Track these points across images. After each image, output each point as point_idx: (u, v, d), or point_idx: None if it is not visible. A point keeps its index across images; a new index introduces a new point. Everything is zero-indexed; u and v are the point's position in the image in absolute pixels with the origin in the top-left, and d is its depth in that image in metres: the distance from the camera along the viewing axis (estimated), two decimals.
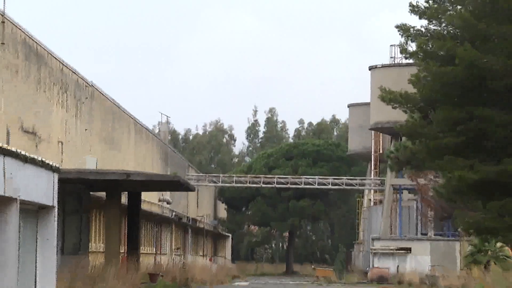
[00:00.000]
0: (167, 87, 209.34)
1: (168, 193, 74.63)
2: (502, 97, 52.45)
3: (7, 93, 39.38)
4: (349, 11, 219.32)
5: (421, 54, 55.62)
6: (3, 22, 38.33)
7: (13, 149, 10.70)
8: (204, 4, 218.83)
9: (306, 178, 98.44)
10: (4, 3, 38.43)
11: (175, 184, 50.62)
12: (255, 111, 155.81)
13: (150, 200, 67.02)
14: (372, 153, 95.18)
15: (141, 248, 52.68)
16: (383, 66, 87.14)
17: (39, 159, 11.82)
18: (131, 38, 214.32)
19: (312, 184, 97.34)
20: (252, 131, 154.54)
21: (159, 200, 74.31)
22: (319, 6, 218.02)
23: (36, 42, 44.02)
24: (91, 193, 46.09)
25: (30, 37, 43.01)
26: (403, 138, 65.46)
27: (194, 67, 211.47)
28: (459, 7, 54.15)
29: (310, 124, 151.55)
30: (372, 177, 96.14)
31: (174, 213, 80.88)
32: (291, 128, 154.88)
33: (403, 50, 57.97)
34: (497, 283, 55.72)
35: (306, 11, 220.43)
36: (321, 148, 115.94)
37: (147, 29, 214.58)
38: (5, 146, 10.20)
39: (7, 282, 10.71)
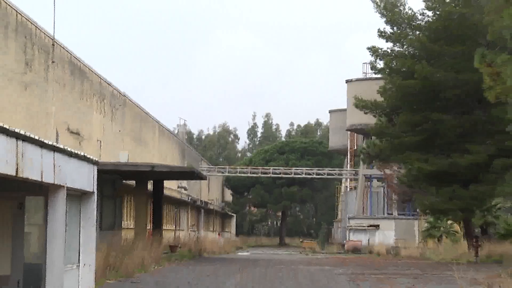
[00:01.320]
0: (184, 96, 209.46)
1: (185, 181, 74.62)
2: (452, 105, 52.49)
3: (56, 102, 39.45)
4: (330, 35, 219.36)
5: (387, 70, 55.65)
6: (53, 45, 38.41)
7: (61, 146, 10.74)
8: (214, 26, 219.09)
9: (295, 169, 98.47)
10: (54, 29, 38.54)
11: (190, 174, 50.60)
12: (254, 116, 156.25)
13: (170, 187, 67.02)
14: (348, 149, 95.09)
15: (163, 225, 52.65)
16: (357, 79, 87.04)
17: (82, 154, 11.86)
18: (155, 55, 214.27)
19: (300, 174, 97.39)
20: (252, 131, 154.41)
21: (178, 187, 74.28)
22: (307, 31, 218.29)
23: (79, 61, 44.06)
24: (123, 181, 46.10)
25: (74, 57, 43.06)
26: (373, 137, 65.51)
27: (206, 80, 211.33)
28: (417, 32, 54.14)
29: (298, 126, 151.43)
30: (348, 168, 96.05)
31: (189, 197, 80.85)
32: (283, 129, 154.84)
33: (373, 67, 58.06)
34: (447, 252, 55.76)
35: (296, 34, 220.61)
36: (307, 145, 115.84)
37: (169, 48, 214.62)
38: (54, 143, 10.24)
39: (56, 252, 10.76)
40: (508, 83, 28.71)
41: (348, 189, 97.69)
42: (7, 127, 8.38)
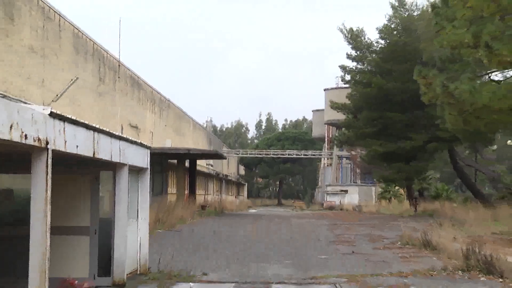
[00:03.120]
0: (210, 99, 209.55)
1: (211, 160, 74.72)
2: (398, 106, 52.38)
3: (121, 105, 39.51)
4: (314, 56, 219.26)
5: (353, 81, 55.55)
6: (119, 65, 38.43)
7: (125, 136, 10.81)
8: (231, 47, 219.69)
9: (289, 151, 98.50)
10: (119, 54, 38.55)
11: (215, 155, 50.77)
12: (260, 114, 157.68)
13: (201, 164, 67.13)
14: (326, 137, 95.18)
15: (196, 191, 52.84)
16: (332, 88, 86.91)
17: (139, 141, 11.92)
18: (190, 71, 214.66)
19: (292, 155, 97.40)
20: (258, 125, 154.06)
21: (206, 164, 74.35)
22: (298, 53, 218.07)
23: (137, 76, 44.07)
24: (168, 160, 46.25)
25: (134, 74, 43.08)
26: (343, 129, 65.50)
27: (225, 87, 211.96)
28: (374, 55, 53.99)
29: (291, 121, 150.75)
30: (326, 151, 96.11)
31: (215, 171, 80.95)
32: (280, 123, 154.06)
33: (343, 79, 57.98)
34: (395, 209, 55.80)
35: (290, 55, 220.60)
36: (297, 134, 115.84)
37: (199, 65, 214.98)
38: (120, 134, 10.34)
39: (122, 210, 10.86)
40: (437, 90, 28.68)
41: (325, 165, 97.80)
42: (87, 123, 8.48)
